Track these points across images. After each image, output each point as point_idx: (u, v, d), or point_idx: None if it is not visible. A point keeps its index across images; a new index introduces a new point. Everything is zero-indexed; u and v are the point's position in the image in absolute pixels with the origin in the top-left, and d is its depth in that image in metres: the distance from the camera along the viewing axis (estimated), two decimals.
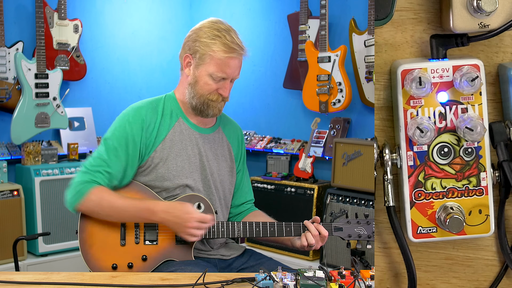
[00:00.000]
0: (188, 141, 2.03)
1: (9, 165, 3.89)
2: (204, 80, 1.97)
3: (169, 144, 2.00)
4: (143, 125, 1.96)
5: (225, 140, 2.14)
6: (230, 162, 2.14)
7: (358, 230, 1.96)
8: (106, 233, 1.96)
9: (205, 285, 1.47)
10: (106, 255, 1.95)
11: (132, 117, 1.98)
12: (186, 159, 2.00)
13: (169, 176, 1.97)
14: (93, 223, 1.96)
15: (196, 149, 2.03)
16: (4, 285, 1.52)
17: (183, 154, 2.00)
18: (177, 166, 1.99)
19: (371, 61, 3.77)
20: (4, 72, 3.85)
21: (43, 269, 3.72)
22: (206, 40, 1.95)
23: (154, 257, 1.95)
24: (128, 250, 1.95)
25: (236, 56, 1.97)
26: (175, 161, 1.99)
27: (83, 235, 1.96)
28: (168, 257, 1.95)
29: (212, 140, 2.09)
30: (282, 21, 4.40)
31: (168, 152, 1.99)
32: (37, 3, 3.92)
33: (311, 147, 4.09)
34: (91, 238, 1.96)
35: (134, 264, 1.93)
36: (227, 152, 2.14)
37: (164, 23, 4.90)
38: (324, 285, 1.40)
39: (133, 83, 4.71)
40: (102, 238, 1.96)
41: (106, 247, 1.95)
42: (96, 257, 1.94)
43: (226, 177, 2.12)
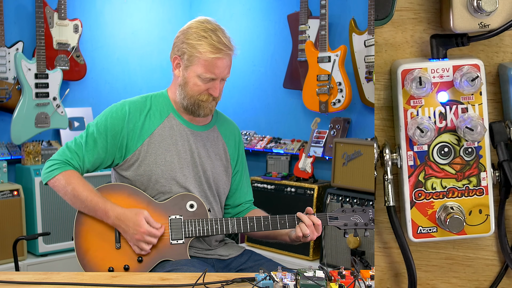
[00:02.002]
0: (179, 137, 2.03)
1: (9, 165, 3.89)
2: (193, 81, 1.99)
3: (158, 138, 2.01)
4: (125, 117, 2.00)
5: (220, 139, 2.14)
6: (225, 161, 2.14)
7: (354, 218, 1.96)
8: (101, 237, 1.97)
9: (205, 285, 1.47)
10: (102, 259, 1.96)
11: (116, 109, 2.04)
12: (175, 154, 2.01)
13: (157, 171, 1.98)
14: (88, 228, 1.98)
15: (187, 145, 2.04)
16: (4, 285, 1.52)
17: (172, 149, 2.01)
18: (166, 161, 2.00)
19: (371, 61, 3.77)
20: (4, 72, 3.85)
21: (43, 269, 3.72)
22: (192, 41, 1.96)
23: (149, 258, 1.95)
24: (123, 252, 1.96)
25: (223, 56, 1.97)
26: (163, 155, 2.00)
27: (78, 241, 1.98)
28: (163, 257, 1.95)
29: (206, 137, 2.09)
30: (282, 21, 4.40)
31: (157, 147, 2.00)
32: (37, 3, 3.92)
33: (311, 147, 4.09)
34: (86, 243, 1.98)
35: (130, 266, 1.94)
36: (222, 150, 2.13)
37: (164, 23, 4.90)
38: (324, 285, 1.40)
39: (133, 83, 4.71)
40: (97, 243, 1.97)
41: (101, 251, 1.97)
42: (92, 262, 1.96)
43: (221, 175, 2.11)
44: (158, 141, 2.01)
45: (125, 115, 2.01)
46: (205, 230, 1.95)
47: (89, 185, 2.00)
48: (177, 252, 1.95)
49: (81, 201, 1.97)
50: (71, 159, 2.00)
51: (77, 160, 2.00)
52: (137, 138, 2.00)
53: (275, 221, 1.97)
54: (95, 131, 2.01)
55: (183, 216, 1.97)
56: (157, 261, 1.95)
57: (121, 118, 2.01)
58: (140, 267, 1.94)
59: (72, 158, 2.00)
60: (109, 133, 2.00)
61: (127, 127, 2.00)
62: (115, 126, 2.00)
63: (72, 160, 2.00)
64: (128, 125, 2.00)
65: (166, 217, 1.97)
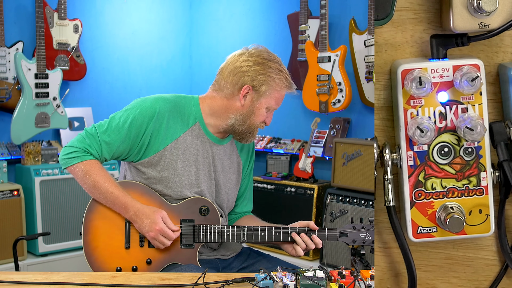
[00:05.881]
0: (201, 147, 2.03)
1: (9, 165, 3.89)
2: (260, 111, 2.01)
3: (182, 146, 1.99)
4: (153, 115, 1.96)
5: (235, 153, 2.15)
6: (237, 175, 2.15)
7: (363, 235, 1.97)
8: (110, 236, 1.95)
9: (205, 285, 1.47)
10: (110, 257, 1.94)
11: (147, 105, 1.98)
12: (194, 164, 2.00)
13: (175, 179, 1.97)
14: (98, 225, 1.96)
15: (206, 157, 2.03)
16: (4, 285, 1.52)
17: (192, 159, 2.00)
18: (185, 171, 1.98)
19: (371, 61, 3.77)
20: (4, 72, 3.84)
21: (43, 269, 3.72)
22: (273, 75, 1.98)
23: (158, 260, 1.94)
24: (132, 253, 1.95)
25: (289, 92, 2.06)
26: (183, 164, 1.98)
27: (87, 238, 1.95)
28: (172, 261, 1.95)
29: (223, 151, 2.09)
30: (282, 21, 4.40)
31: (180, 154, 1.98)
32: (37, 3, 3.92)
33: (311, 147, 4.09)
34: (95, 240, 1.95)
35: (139, 268, 1.93)
36: (235, 164, 2.14)
37: (164, 23, 4.90)
38: (324, 285, 1.40)
39: (133, 83, 4.71)
40: (106, 241, 1.95)
41: (110, 249, 1.95)
42: (100, 260, 1.94)
43: (232, 189, 2.12)
44: (182, 148, 1.99)
45: (154, 113, 1.96)
46: (216, 236, 1.95)
47: (109, 176, 1.97)
48: (187, 257, 1.95)
49: (100, 192, 1.93)
50: (90, 147, 1.94)
51: (97, 149, 1.95)
52: (161, 139, 1.97)
53: (286, 233, 1.97)
54: (120, 123, 1.95)
55: (195, 220, 1.96)
56: (165, 263, 1.94)
57: (150, 115, 1.96)
58: (148, 269, 1.93)
59: (91, 146, 1.94)
60: (133, 127, 1.95)
61: (153, 126, 1.96)
62: (142, 122, 1.95)
63: (91, 149, 1.95)
64: (154, 124, 1.96)
65: (178, 219, 1.96)
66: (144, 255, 1.94)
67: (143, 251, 1.95)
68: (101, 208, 1.96)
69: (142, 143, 1.96)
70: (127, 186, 1.99)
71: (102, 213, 1.96)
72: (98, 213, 1.96)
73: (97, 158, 1.96)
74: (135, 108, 1.98)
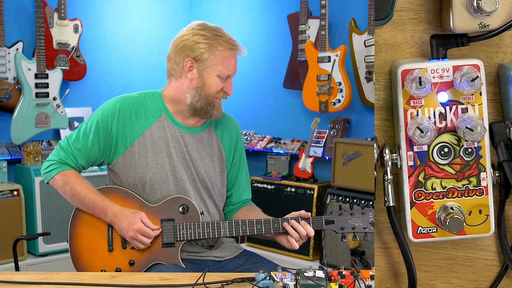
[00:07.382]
0: (170, 138, 2.03)
1: (9, 165, 3.89)
2: (211, 80, 1.99)
3: (149, 140, 2.01)
4: (115, 115, 2.00)
5: (215, 141, 2.12)
6: (221, 162, 2.12)
7: (352, 222, 1.90)
8: (94, 241, 1.98)
9: (205, 285, 1.47)
10: (94, 261, 1.97)
11: (107, 106, 2.04)
12: (167, 156, 2.01)
13: (148, 174, 1.98)
14: (82, 231, 2.00)
15: (178, 147, 2.03)
16: (4, 285, 1.52)
17: (163, 151, 2.01)
18: (157, 163, 2.00)
19: (371, 61, 3.76)
20: (4, 72, 3.84)
21: (43, 269, 3.72)
22: (209, 41, 1.97)
23: (141, 261, 1.95)
24: (115, 255, 1.97)
25: (237, 53, 2.02)
26: (155, 157, 2.00)
27: (72, 244, 2.00)
28: (155, 261, 1.95)
29: (199, 139, 2.08)
30: (282, 21, 4.40)
31: (148, 148, 2.00)
32: (37, 3, 3.92)
33: (311, 147, 4.09)
34: (80, 246, 1.99)
35: (122, 269, 1.95)
36: (216, 151, 2.12)
37: (164, 23, 4.90)
38: (324, 285, 1.40)
39: (133, 83, 4.71)
40: (90, 246, 1.98)
41: (94, 254, 1.98)
42: (85, 265, 1.97)
43: (216, 177, 2.10)
44: (149, 142, 2.01)
45: (115, 112, 2.01)
46: (196, 233, 1.94)
47: (87, 183, 2.01)
48: (169, 256, 1.95)
49: (79, 200, 1.99)
50: (66, 158, 2.02)
51: (71, 158, 2.02)
52: (127, 136, 2.00)
53: (268, 225, 1.93)
54: (87, 128, 2.02)
55: (175, 219, 1.96)
56: (148, 263, 1.95)
57: (112, 114, 2.01)
58: (131, 269, 1.95)
59: (67, 157, 2.02)
60: (100, 128, 2.01)
61: (117, 123, 2.00)
62: (107, 122, 2.01)
63: (67, 159, 2.02)
64: (118, 122, 2.00)
65: (158, 219, 1.96)
66: (127, 257, 1.96)
67: (125, 253, 1.96)
68: (84, 215, 2.01)
69: (111, 143, 2.01)
70: (107, 191, 2.02)
71: (86, 220, 2.00)
72: (81, 220, 2.01)
73: (74, 167, 2.03)
74: (98, 110, 2.05)
